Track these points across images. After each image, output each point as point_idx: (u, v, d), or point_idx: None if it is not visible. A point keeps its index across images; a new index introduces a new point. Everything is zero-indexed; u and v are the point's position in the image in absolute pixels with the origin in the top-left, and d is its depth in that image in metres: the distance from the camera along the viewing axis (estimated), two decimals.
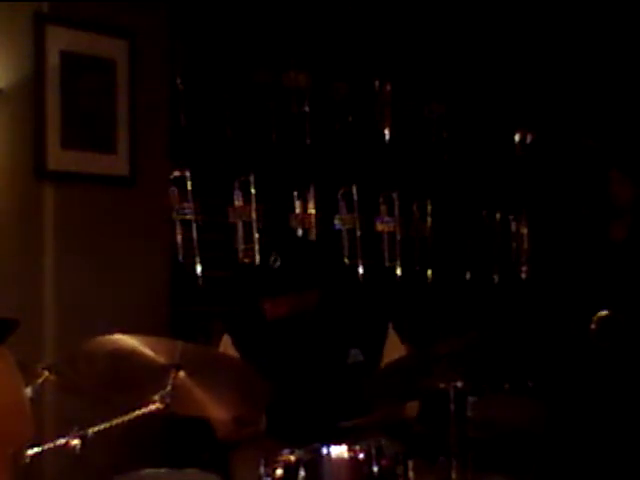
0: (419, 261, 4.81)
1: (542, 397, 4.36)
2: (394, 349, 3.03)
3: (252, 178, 4.17)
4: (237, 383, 2.55)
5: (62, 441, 2.23)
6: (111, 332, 2.41)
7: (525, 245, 5.30)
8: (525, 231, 5.30)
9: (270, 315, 2.97)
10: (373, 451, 2.40)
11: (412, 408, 3.06)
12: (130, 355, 2.41)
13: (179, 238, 3.97)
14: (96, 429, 2.26)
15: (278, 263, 2.93)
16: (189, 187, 3.98)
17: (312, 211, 4.37)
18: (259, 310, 2.99)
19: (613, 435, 3.93)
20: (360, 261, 4.54)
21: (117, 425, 2.30)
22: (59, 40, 3.52)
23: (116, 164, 3.70)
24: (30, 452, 2.20)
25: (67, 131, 3.55)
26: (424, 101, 4.86)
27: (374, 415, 2.86)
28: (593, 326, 3.80)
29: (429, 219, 4.86)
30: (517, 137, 5.30)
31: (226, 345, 3.06)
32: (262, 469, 2.38)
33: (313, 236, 4.37)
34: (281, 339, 3.01)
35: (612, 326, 3.85)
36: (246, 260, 4.12)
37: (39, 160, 3.48)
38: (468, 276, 5.02)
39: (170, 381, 2.36)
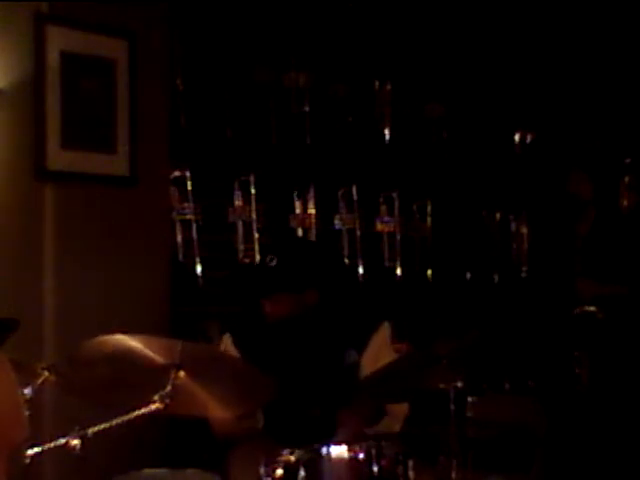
0: (419, 261, 4.81)
1: (542, 397, 4.36)
2: (381, 349, 3.01)
3: (252, 178, 4.17)
4: (238, 382, 2.55)
5: (62, 441, 2.22)
6: (111, 332, 2.41)
7: (525, 245, 5.31)
8: (525, 231, 5.31)
9: (270, 315, 2.97)
10: (373, 451, 2.39)
11: (398, 419, 3.04)
12: (130, 355, 2.41)
13: (179, 238, 3.97)
14: (96, 429, 2.25)
15: (274, 262, 2.92)
16: (189, 187, 3.98)
17: (312, 211, 4.37)
18: (258, 310, 2.99)
19: (613, 435, 3.93)
20: (360, 261, 4.54)
21: (117, 425, 2.29)
22: (59, 40, 3.52)
23: (116, 164, 3.70)
24: (30, 452, 2.20)
25: (67, 131, 3.55)
26: (424, 101, 4.86)
27: (340, 430, 2.82)
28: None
29: (429, 219, 4.86)
30: (517, 137, 5.30)
31: (226, 345, 3.06)
32: (262, 469, 2.38)
33: (313, 236, 4.37)
34: (280, 339, 3.01)
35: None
36: (246, 260, 4.12)
37: (39, 160, 3.48)
38: (468, 276, 5.02)
39: (170, 381, 2.36)
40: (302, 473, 2.35)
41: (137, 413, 2.32)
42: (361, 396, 2.91)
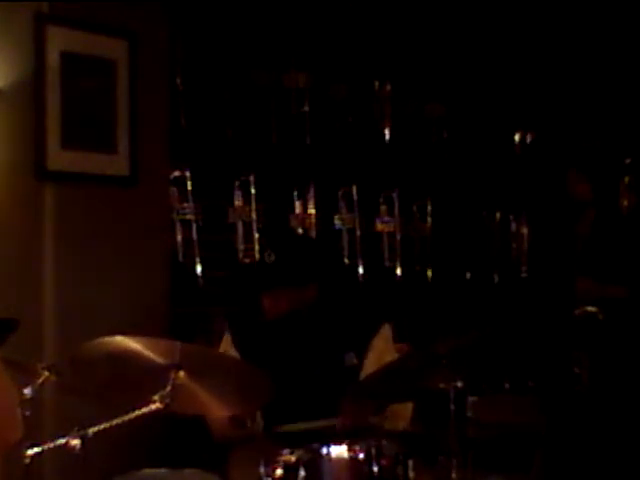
0: (419, 261, 4.81)
1: (542, 397, 4.36)
2: (383, 350, 3.01)
3: (252, 178, 4.17)
4: (237, 383, 2.55)
5: (62, 441, 2.22)
6: (111, 333, 2.41)
7: (525, 245, 5.31)
8: (525, 231, 5.31)
9: (270, 311, 2.97)
10: (373, 451, 2.39)
11: (403, 416, 3.04)
12: (130, 355, 2.41)
13: (179, 238, 3.97)
14: (96, 429, 2.25)
15: (272, 258, 2.92)
16: (189, 187, 3.98)
17: (312, 211, 4.37)
18: (258, 309, 2.99)
19: (613, 435, 3.93)
20: (360, 261, 4.54)
21: (117, 425, 2.29)
22: (59, 40, 3.52)
23: (116, 164, 3.70)
24: (30, 452, 2.20)
25: (67, 131, 3.55)
26: (424, 101, 4.86)
27: (340, 418, 2.82)
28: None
29: (429, 219, 4.86)
30: (517, 137, 5.31)
31: (226, 344, 3.06)
32: (262, 469, 2.38)
33: (313, 236, 4.36)
34: (279, 337, 3.00)
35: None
36: (246, 260, 4.12)
37: (39, 160, 3.48)
38: (468, 276, 5.02)
39: (170, 381, 2.36)
40: (302, 473, 2.35)
41: (137, 413, 2.32)
42: (361, 395, 2.91)
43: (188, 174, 3.99)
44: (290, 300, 2.95)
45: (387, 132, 4.72)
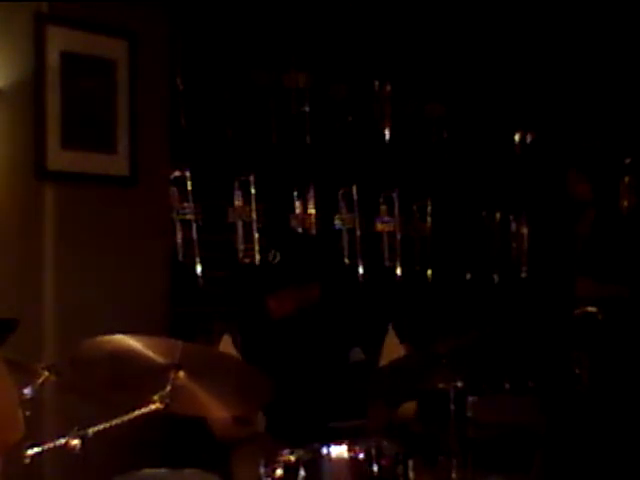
0: (419, 261, 4.81)
1: (542, 397, 4.36)
2: (393, 349, 3.03)
3: (252, 178, 4.17)
4: (237, 383, 2.55)
5: (62, 441, 2.22)
6: (111, 332, 2.41)
7: (525, 245, 5.31)
8: (525, 231, 5.31)
9: (276, 312, 2.97)
10: (373, 451, 2.40)
11: (409, 409, 3.06)
12: (130, 355, 2.41)
13: (179, 238, 3.97)
14: (96, 429, 2.25)
15: (277, 259, 2.93)
16: (189, 187, 3.98)
17: (312, 211, 4.37)
18: (261, 309, 2.99)
19: (613, 435, 3.93)
20: (360, 261, 4.54)
21: (117, 425, 2.29)
22: (59, 40, 3.52)
23: (116, 164, 3.70)
24: (30, 452, 2.20)
25: (67, 131, 3.55)
26: (424, 101, 4.86)
27: (369, 419, 2.84)
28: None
29: (429, 219, 4.86)
30: (517, 137, 5.30)
31: (226, 344, 3.06)
32: (262, 469, 2.38)
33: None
34: (283, 337, 3.01)
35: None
36: (246, 260, 4.12)
37: (39, 160, 3.49)
38: (468, 276, 5.02)
39: (170, 381, 2.36)
40: (302, 473, 2.35)
41: (137, 413, 2.32)
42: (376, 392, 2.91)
43: (188, 174, 3.99)
44: (295, 300, 2.95)
45: (387, 132, 4.72)
